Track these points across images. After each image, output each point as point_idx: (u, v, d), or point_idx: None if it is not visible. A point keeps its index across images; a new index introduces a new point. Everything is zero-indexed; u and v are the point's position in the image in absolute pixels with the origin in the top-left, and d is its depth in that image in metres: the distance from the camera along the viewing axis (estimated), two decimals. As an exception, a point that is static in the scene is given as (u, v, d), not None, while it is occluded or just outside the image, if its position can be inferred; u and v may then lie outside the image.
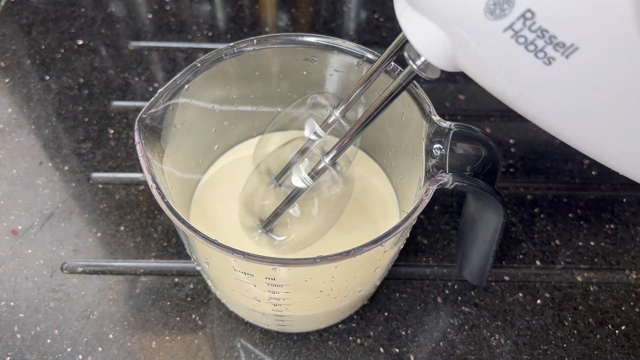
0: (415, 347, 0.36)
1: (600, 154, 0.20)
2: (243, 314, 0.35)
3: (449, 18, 0.18)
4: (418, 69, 0.21)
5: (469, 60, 0.19)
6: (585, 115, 0.18)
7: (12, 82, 0.50)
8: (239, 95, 0.36)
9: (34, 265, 0.38)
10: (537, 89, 0.18)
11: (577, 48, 0.16)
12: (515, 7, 0.16)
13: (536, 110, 0.19)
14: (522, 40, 0.16)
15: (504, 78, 0.18)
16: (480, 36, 0.17)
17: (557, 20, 0.15)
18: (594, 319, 0.37)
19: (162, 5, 0.58)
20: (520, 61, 0.17)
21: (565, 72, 0.17)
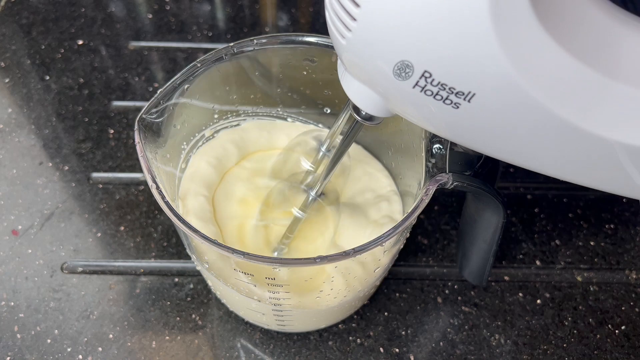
0: (415, 347, 0.36)
1: (529, 165, 0.24)
2: (243, 314, 0.35)
3: (371, 82, 0.22)
4: (362, 119, 0.25)
5: (397, 109, 0.23)
6: (503, 138, 0.22)
7: (12, 82, 0.50)
8: (239, 95, 0.36)
9: (34, 265, 0.38)
10: (456, 125, 0.22)
11: (474, 94, 0.19)
12: (415, 70, 0.19)
13: (463, 139, 0.23)
14: (429, 93, 0.20)
15: (427, 120, 0.22)
16: (397, 93, 0.21)
17: (451, 76, 0.19)
18: (594, 319, 0.37)
19: (162, 5, 0.58)
20: (434, 107, 0.20)
21: (472, 111, 0.20)
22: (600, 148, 0.21)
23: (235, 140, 0.36)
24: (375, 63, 0.20)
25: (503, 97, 0.19)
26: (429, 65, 0.19)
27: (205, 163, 0.34)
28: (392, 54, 0.19)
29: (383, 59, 0.19)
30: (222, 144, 0.36)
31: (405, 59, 0.19)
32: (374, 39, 0.19)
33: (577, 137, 0.21)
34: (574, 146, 0.21)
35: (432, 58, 0.18)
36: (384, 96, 0.22)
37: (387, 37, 0.18)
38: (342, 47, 0.21)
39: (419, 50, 0.18)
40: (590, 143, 0.21)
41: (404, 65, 0.19)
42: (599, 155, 0.22)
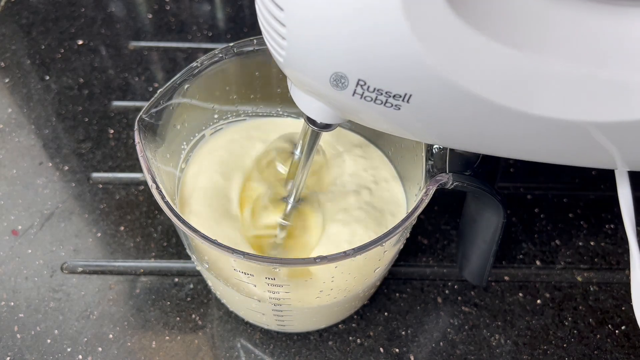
0: (415, 347, 0.36)
1: (494, 152, 0.25)
2: (243, 314, 0.35)
3: (314, 93, 0.23)
4: (319, 128, 0.26)
5: (347, 115, 0.24)
6: (455, 131, 0.23)
7: (12, 82, 0.50)
8: (239, 95, 0.36)
9: (34, 265, 0.38)
10: (405, 125, 0.22)
11: (410, 94, 0.20)
12: (349, 80, 0.20)
13: (418, 137, 0.24)
14: (369, 99, 0.20)
15: (375, 122, 0.23)
16: (340, 102, 0.22)
17: (383, 81, 0.20)
18: (594, 319, 0.37)
19: (162, 5, 0.58)
20: (377, 111, 0.21)
21: (414, 111, 0.21)
22: (550, 128, 0.21)
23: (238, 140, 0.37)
24: (313, 77, 0.21)
25: (437, 93, 0.20)
26: (360, 73, 0.19)
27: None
28: (325, 67, 0.20)
29: (318, 72, 0.20)
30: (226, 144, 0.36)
31: (338, 70, 0.20)
32: (305, 55, 0.20)
33: (523, 120, 0.21)
34: (524, 129, 0.22)
35: (362, 66, 0.19)
36: (330, 105, 0.23)
37: (316, 51, 0.19)
38: (281, 64, 0.22)
39: (348, 60, 0.19)
40: (538, 124, 0.21)
41: (339, 76, 0.20)
42: (551, 135, 0.22)
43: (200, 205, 0.33)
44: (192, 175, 0.34)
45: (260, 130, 0.37)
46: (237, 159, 0.36)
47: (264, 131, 0.38)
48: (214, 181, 0.34)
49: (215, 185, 0.34)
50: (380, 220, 0.33)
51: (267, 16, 0.20)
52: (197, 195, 0.33)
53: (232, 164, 0.35)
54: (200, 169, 0.34)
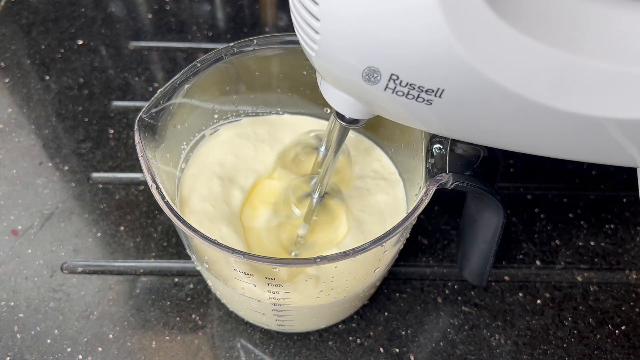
0: (415, 347, 0.36)
1: (519, 149, 0.25)
2: (243, 314, 0.35)
3: (345, 88, 0.23)
4: (347, 124, 0.26)
5: (376, 111, 0.24)
6: (484, 126, 0.22)
7: (12, 82, 0.50)
8: (239, 95, 0.36)
9: (34, 265, 0.38)
10: (435, 120, 0.22)
11: (443, 89, 0.20)
12: (382, 74, 0.20)
13: (445, 132, 0.24)
14: (400, 94, 0.20)
15: (405, 118, 0.23)
16: (371, 96, 0.22)
17: (417, 76, 0.19)
18: (594, 319, 0.37)
19: (162, 5, 0.58)
20: (408, 106, 0.21)
21: (446, 106, 0.21)
22: (582, 125, 0.21)
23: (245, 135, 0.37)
24: (345, 71, 0.21)
25: (471, 89, 0.20)
26: (394, 68, 0.19)
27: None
28: (358, 61, 0.20)
29: (350, 66, 0.20)
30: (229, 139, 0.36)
31: (371, 65, 0.20)
32: (338, 49, 0.20)
33: (556, 117, 0.21)
34: (556, 125, 0.22)
35: (396, 60, 0.19)
36: (360, 100, 0.23)
37: (350, 45, 0.19)
38: (312, 58, 0.22)
39: (382, 55, 0.19)
40: (571, 121, 0.21)
41: (371, 71, 0.20)
42: (583, 132, 0.22)
43: (200, 206, 0.33)
44: (192, 175, 0.34)
45: (260, 129, 0.37)
46: (237, 159, 0.36)
47: (264, 130, 0.38)
48: (214, 181, 0.34)
49: (216, 185, 0.34)
50: (380, 220, 0.33)
51: (301, 10, 0.20)
52: (197, 195, 0.33)
53: (232, 164, 0.35)
54: (200, 169, 0.35)
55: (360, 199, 0.34)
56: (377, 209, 0.34)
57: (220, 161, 0.35)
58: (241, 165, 0.35)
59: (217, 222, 0.32)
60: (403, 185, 0.35)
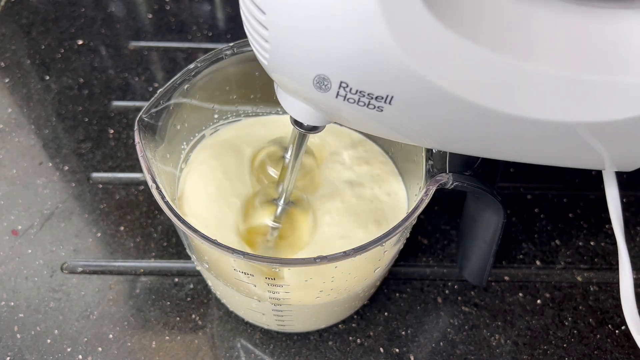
0: (415, 347, 0.36)
1: (483, 154, 0.25)
2: (243, 314, 0.35)
3: (300, 95, 0.23)
4: (305, 130, 0.26)
5: (333, 117, 0.24)
6: (438, 133, 0.23)
7: (12, 82, 0.50)
8: (239, 95, 0.36)
9: (34, 265, 0.38)
10: (389, 127, 0.23)
11: (392, 96, 0.20)
12: (332, 82, 0.20)
13: (397, 136, 0.24)
14: (352, 101, 0.21)
15: (359, 124, 0.23)
16: (324, 104, 0.22)
17: (365, 83, 0.20)
18: (594, 319, 0.37)
19: (162, 5, 0.58)
20: (361, 113, 0.21)
21: (397, 112, 0.21)
22: (533, 128, 0.22)
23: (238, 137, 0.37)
24: (297, 79, 0.21)
25: (419, 95, 0.20)
26: (342, 75, 0.20)
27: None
28: (307, 70, 0.20)
29: (301, 74, 0.21)
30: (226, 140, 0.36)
31: (320, 73, 0.20)
32: (289, 57, 0.20)
33: (506, 121, 0.21)
34: (508, 129, 0.22)
35: (344, 68, 0.19)
36: (315, 107, 0.24)
37: (299, 53, 0.20)
38: (266, 67, 0.22)
39: (330, 62, 0.19)
40: (522, 125, 0.21)
41: (321, 79, 0.20)
42: (535, 135, 0.22)
43: (200, 206, 0.33)
44: (192, 175, 0.34)
45: (259, 129, 0.37)
46: (237, 158, 0.36)
47: (264, 129, 0.38)
48: (214, 181, 0.34)
49: (215, 185, 0.34)
50: (379, 220, 0.33)
51: (251, 19, 0.20)
52: (196, 195, 0.33)
53: (232, 163, 0.35)
54: (200, 169, 0.35)
55: (360, 199, 0.34)
56: (377, 209, 0.34)
57: (219, 161, 0.35)
58: (240, 165, 0.35)
59: (217, 221, 0.32)
60: (404, 185, 0.35)
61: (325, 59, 0.19)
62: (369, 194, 0.35)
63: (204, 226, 0.32)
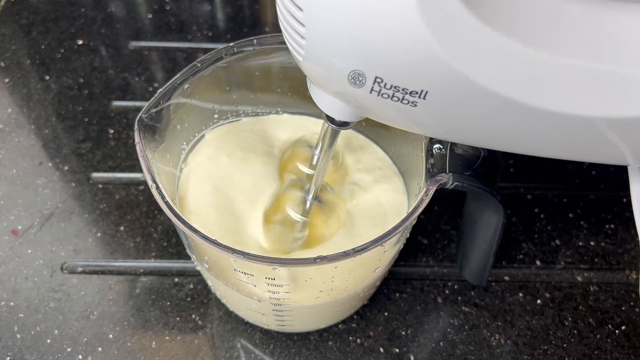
0: (415, 347, 0.36)
1: (511, 149, 0.25)
2: (243, 314, 0.35)
3: (333, 91, 0.23)
4: (337, 126, 0.27)
5: (364, 113, 0.25)
6: (471, 127, 0.23)
7: (12, 82, 0.50)
8: (239, 95, 0.36)
9: (34, 265, 0.38)
10: (421, 121, 0.23)
11: (427, 91, 0.20)
12: (367, 77, 0.20)
13: (433, 133, 0.25)
14: (386, 96, 0.21)
15: (392, 119, 0.24)
16: (357, 99, 0.22)
17: (400, 78, 0.20)
18: (594, 319, 0.37)
19: (162, 5, 0.58)
20: (394, 108, 0.21)
21: (431, 107, 0.21)
22: (567, 124, 0.22)
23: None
24: (331, 74, 0.21)
25: (454, 90, 0.20)
26: (378, 71, 0.20)
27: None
28: (343, 65, 0.20)
29: (336, 70, 0.21)
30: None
31: (356, 68, 0.20)
32: (324, 53, 0.20)
33: (540, 116, 0.21)
34: (541, 125, 0.22)
35: (379, 63, 0.20)
36: (348, 102, 0.24)
37: (335, 49, 0.20)
38: (300, 62, 0.22)
39: (365, 58, 0.20)
40: (556, 120, 0.21)
41: (356, 74, 0.20)
42: (568, 131, 0.22)
43: (200, 205, 0.33)
44: (192, 175, 0.34)
45: (258, 127, 0.37)
46: (237, 158, 0.36)
47: (263, 128, 0.37)
48: (214, 180, 0.34)
49: (215, 185, 0.34)
50: (379, 220, 0.33)
51: (287, 16, 0.20)
52: (196, 195, 0.33)
53: (232, 163, 0.35)
54: (200, 169, 0.34)
55: (361, 200, 0.34)
56: (378, 209, 0.34)
57: (219, 161, 0.35)
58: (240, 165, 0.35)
59: (217, 221, 0.32)
60: (404, 186, 0.35)
61: (361, 55, 0.19)
62: (369, 194, 0.35)
63: (204, 226, 0.32)
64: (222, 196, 0.34)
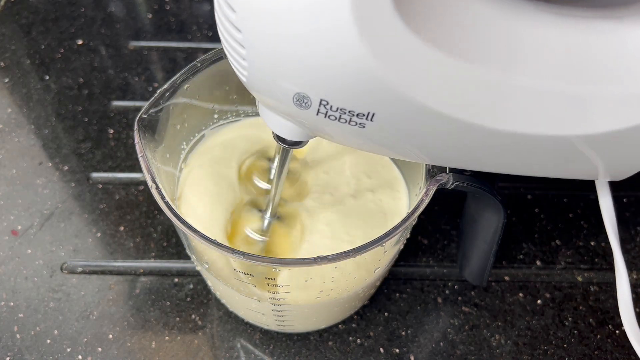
0: (416, 347, 0.36)
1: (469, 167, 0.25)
2: (243, 314, 0.35)
3: (281, 112, 0.23)
4: (288, 145, 0.26)
5: (315, 132, 0.24)
6: (420, 147, 0.23)
7: (12, 82, 0.50)
8: (239, 95, 0.36)
9: (33, 265, 0.38)
10: (372, 142, 0.22)
11: (374, 113, 0.20)
12: (312, 99, 0.20)
13: (381, 151, 0.25)
14: (333, 118, 0.20)
15: (343, 140, 0.23)
16: (305, 120, 0.22)
17: (345, 101, 0.20)
18: (594, 319, 0.37)
19: (162, 5, 0.58)
20: (343, 129, 0.21)
21: (379, 128, 0.21)
22: (517, 141, 0.22)
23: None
24: (276, 96, 0.21)
25: (400, 112, 0.20)
26: (322, 94, 0.19)
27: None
28: (286, 88, 0.20)
29: (281, 92, 0.20)
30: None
31: (300, 91, 0.20)
32: (266, 75, 0.20)
33: (492, 135, 0.21)
34: (495, 144, 0.22)
35: (322, 87, 0.19)
36: (298, 124, 0.24)
37: (276, 72, 0.19)
38: (246, 84, 0.22)
39: (308, 81, 0.19)
40: (511, 139, 0.21)
41: (301, 97, 0.20)
42: (521, 148, 0.22)
43: (200, 206, 0.33)
44: (192, 175, 0.34)
45: (258, 127, 0.37)
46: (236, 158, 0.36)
47: (263, 127, 0.37)
48: (214, 181, 0.34)
49: (215, 185, 0.34)
50: (379, 221, 0.33)
51: (227, 37, 0.20)
52: (196, 196, 0.33)
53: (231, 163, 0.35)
54: (200, 169, 0.34)
55: (360, 199, 0.34)
56: (377, 209, 0.34)
57: (219, 161, 0.35)
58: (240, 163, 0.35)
59: (217, 221, 0.32)
60: (404, 185, 0.35)
61: (303, 77, 0.19)
62: (369, 194, 0.35)
63: (204, 226, 0.32)
64: (221, 196, 0.34)
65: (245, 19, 0.18)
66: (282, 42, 0.18)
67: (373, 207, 0.34)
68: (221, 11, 0.19)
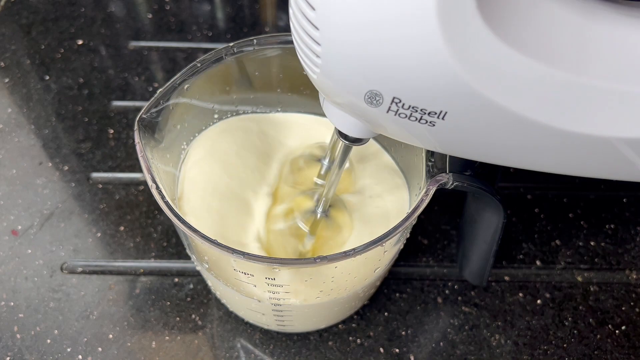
0: (415, 347, 0.36)
1: (526, 166, 0.25)
2: (243, 314, 0.35)
3: (348, 109, 0.23)
4: (350, 142, 0.26)
5: (379, 130, 0.24)
6: (488, 146, 0.23)
7: (12, 82, 0.50)
8: (239, 95, 0.36)
9: (33, 265, 0.38)
10: (439, 140, 0.23)
11: (446, 112, 0.20)
12: (384, 97, 0.20)
13: (449, 151, 0.24)
14: (403, 116, 0.20)
15: (409, 137, 0.23)
16: (373, 118, 0.22)
17: (419, 99, 0.19)
18: (594, 319, 0.37)
19: (162, 5, 0.58)
20: (412, 127, 0.21)
21: (449, 127, 0.21)
22: (586, 144, 0.21)
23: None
24: (347, 94, 0.21)
25: (474, 111, 0.20)
26: (396, 91, 0.19)
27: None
28: (359, 85, 0.20)
29: (352, 89, 0.20)
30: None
31: (373, 88, 0.20)
32: (340, 72, 0.20)
33: (560, 136, 0.21)
34: (562, 145, 0.22)
35: (398, 84, 0.19)
36: (363, 120, 0.24)
37: (351, 69, 0.19)
38: (315, 81, 0.22)
39: (383, 79, 0.19)
40: (575, 140, 0.21)
41: (373, 94, 0.20)
42: (587, 150, 0.22)
43: (200, 206, 0.33)
44: (192, 175, 0.34)
45: (257, 125, 0.37)
46: (236, 158, 0.36)
47: (262, 126, 0.37)
48: (214, 180, 0.34)
49: (215, 185, 0.34)
50: (379, 220, 0.33)
51: (302, 34, 0.20)
52: (196, 195, 0.33)
53: (231, 163, 0.35)
54: (200, 169, 0.34)
55: (364, 201, 0.34)
56: (381, 210, 0.34)
57: (219, 161, 0.35)
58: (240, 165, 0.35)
59: (218, 221, 0.32)
60: (404, 185, 0.35)
61: (378, 75, 0.19)
62: (369, 194, 0.35)
63: (204, 226, 0.32)
64: (221, 196, 0.33)
65: (325, 17, 0.18)
66: (362, 42, 0.18)
67: (376, 210, 0.34)
68: (298, 8, 0.19)
